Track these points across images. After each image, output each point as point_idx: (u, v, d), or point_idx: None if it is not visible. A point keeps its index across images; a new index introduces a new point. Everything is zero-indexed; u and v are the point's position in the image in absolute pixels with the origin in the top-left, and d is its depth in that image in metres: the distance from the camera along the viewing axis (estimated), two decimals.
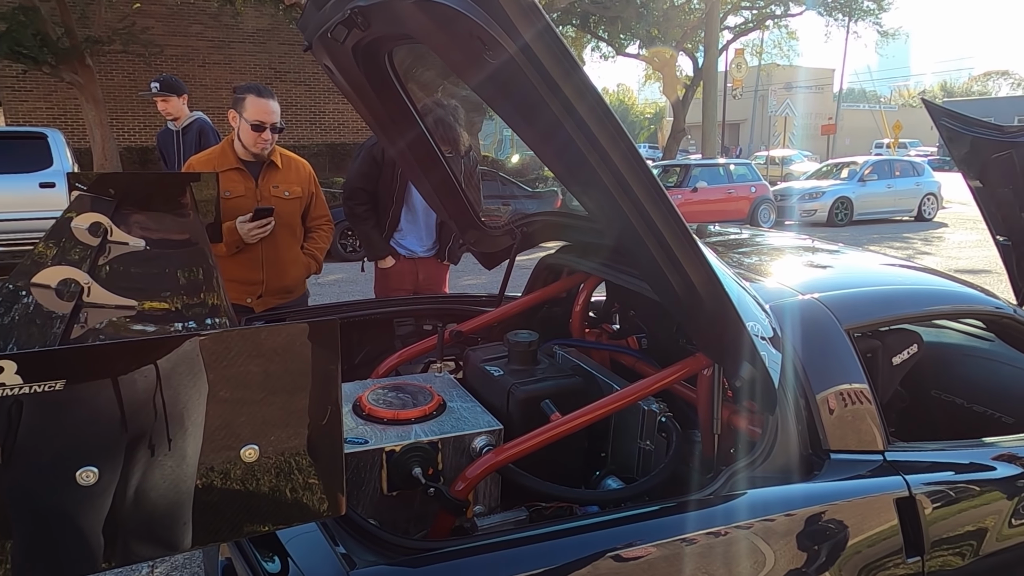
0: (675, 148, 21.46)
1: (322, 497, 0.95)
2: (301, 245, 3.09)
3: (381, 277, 3.55)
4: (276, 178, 2.95)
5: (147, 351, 0.86)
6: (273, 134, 2.86)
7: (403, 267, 3.50)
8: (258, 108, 2.81)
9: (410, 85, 2.23)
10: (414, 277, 3.53)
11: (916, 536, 1.59)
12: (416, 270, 3.53)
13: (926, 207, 15.76)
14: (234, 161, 2.89)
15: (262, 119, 2.81)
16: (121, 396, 0.83)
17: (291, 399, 0.93)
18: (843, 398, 1.68)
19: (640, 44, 21.70)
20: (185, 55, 16.86)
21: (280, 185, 2.94)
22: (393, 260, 3.48)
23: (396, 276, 3.51)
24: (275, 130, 2.86)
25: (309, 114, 18.10)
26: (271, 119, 2.83)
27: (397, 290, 3.50)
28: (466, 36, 1.31)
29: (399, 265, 3.50)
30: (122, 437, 0.84)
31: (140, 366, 0.84)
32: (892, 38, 23.91)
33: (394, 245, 3.50)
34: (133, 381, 0.84)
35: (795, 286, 1.89)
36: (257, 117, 2.80)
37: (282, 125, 2.92)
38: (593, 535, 1.34)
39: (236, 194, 2.85)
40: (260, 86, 2.90)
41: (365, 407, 1.80)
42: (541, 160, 1.70)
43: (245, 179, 2.89)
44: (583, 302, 2.52)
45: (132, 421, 0.85)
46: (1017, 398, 2.40)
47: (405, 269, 3.51)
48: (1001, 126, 3.46)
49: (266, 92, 2.86)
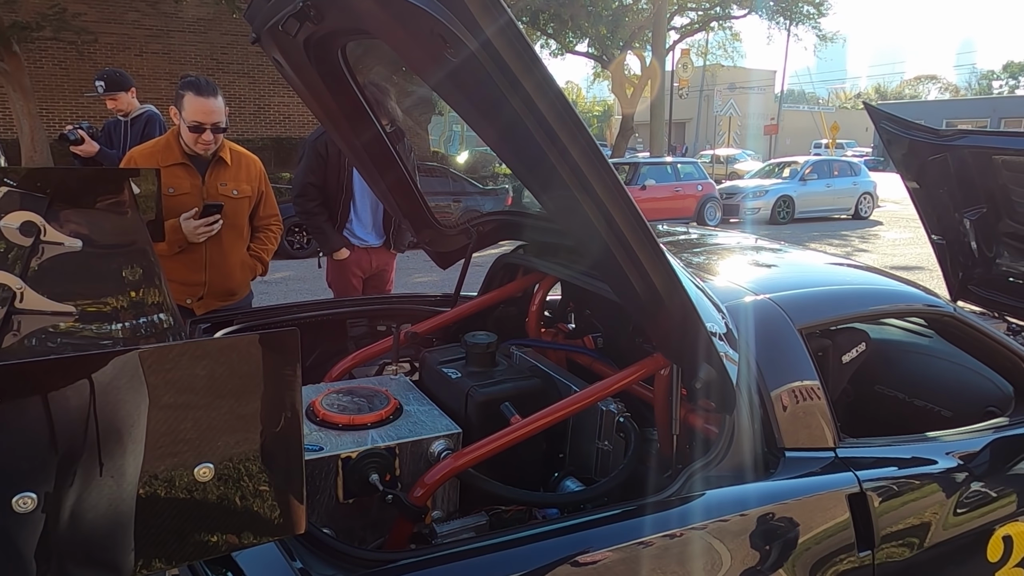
0: (624, 146, 21.73)
1: (281, 514, 0.91)
2: (248, 246, 2.96)
3: (334, 268, 3.59)
4: (224, 175, 2.78)
5: (82, 366, 0.80)
6: (215, 134, 2.66)
7: (357, 256, 3.56)
8: (196, 107, 2.58)
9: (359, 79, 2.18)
10: (368, 265, 3.60)
11: (867, 530, 1.63)
12: (370, 259, 3.60)
13: (863, 206, 16.37)
14: (179, 156, 2.69)
15: (200, 120, 2.60)
16: (52, 415, 0.78)
17: (246, 411, 0.88)
18: (796, 396, 1.71)
19: (589, 42, 21.88)
20: (121, 44, 16.19)
21: (228, 183, 2.79)
22: (348, 251, 3.53)
23: (349, 265, 3.56)
24: (217, 130, 2.66)
25: (253, 107, 17.63)
26: (211, 119, 2.61)
27: (351, 279, 3.55)
28: (427, 33, 1.27)
29: (353, 255, 3.55)
30: (58, 458, 0.78)
31: (74, 382, 0.79)
32: (830, 42, 24.71)
33: (347, 235, 3.54)
34: (66, 399, 0.79)
35: (748, 286, 1.92)
36: (195, 118, 2.59)
37: (225, 125, 2.70)
38: (553, 542, 1.33)
39: (180, 191, 2.69)
40: (201, 82, 2.64)
41: (319, 412, 1.74)
42: (500, 159, 1.67)
43: (191, 175, 2.72)
44: (539, 302, 2.51)
45: (66, 441, 0.79)
46: (955, 392, 2.50)
47: (359, 258, 3.57)
48: (937, 130, 3.60)
49: (207, 89, 2.61)
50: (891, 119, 3.69)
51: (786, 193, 15.35)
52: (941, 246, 3.96)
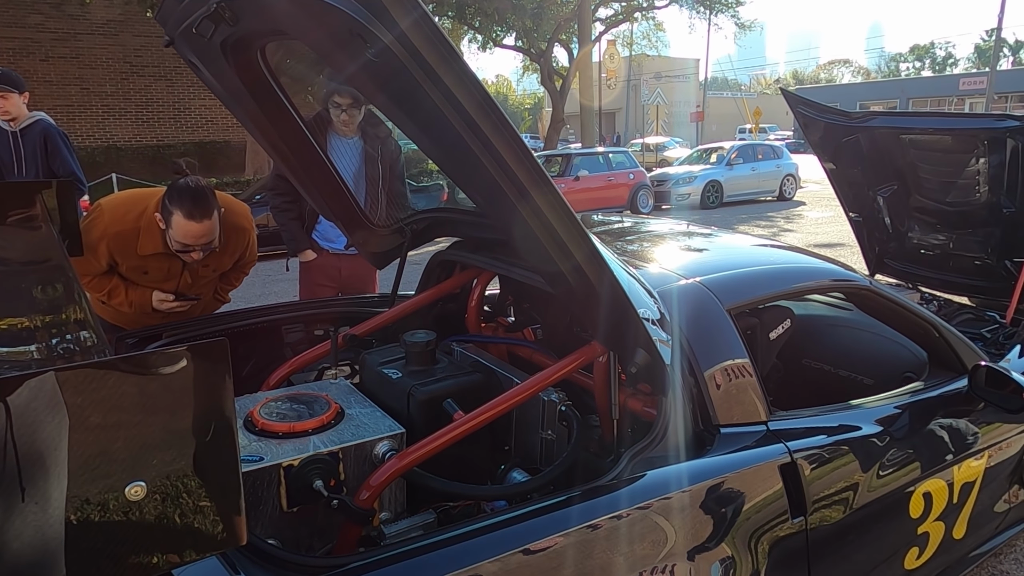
0: (555, 138, 21.92)
1: (221, 527, 0.89)
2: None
3: (304, 273, 3.40)
4: (210, 259, 2.48)
5: None
6: (204, 252, 2.36)
7: (325, 262, 3.36)
8: (186, 231, 2.25)
9: (282, 79, 2.13)
10: (337, 273, 3.38)
11: (799, 498, 1.71)
12: (339, 266, 3.37)
13: (786, 187, 17.00)
14: (161, 246, 2.35)
15: (189, 243, 2.28)
16: None
17: (179, 426, 0.86)
18: (728, 374, 1.78)
19: (516, 36, 21.95)
20: (23, 48, 15.34)
21: (211, 263, 2.52)
22: (314, 254, 3.33)
23: (318, 271, 3.36)
24: (207, 249, 2.35)
25: (172, 111, 16.99)
26: (201, 242, 2.29)
27: (321, 287, 3.35)
28: (344, 32, 1.26)
29: (321, 260, 3.35)
30: None
31: None
32: (749, 30, 25.50)
33: (317, 239, 3.35)
34: None
35: (678, 270, 1.98)
36: (183, 240, 2.27)
37: (215, 246, 2.38)
38: (501, 532, 1.35)
39: (157, 277, 2.45)
40: (194, 202, 2.21)
41: (258, 422, 1.71)
42: (425, 154, 1.67)
43: (171, 262, 2.42)
44: (478, 297, 2.52)
45: None
46: (875, 361, 2.64)
47: (328, 264, 3.36)
48: (849, 112, 3.78)
49: (199, 211, 2.21)
50: (806, 103, 3.85)
51: (714, 178, 15.79)
52: (858, 223, 4.16)
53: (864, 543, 1.91)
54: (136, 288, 2.48)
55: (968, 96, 36.77)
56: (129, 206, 2.37)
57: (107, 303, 2.50)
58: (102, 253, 2.34)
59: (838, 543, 1.83)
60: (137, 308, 2.48)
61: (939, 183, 3.68)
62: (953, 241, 3.83)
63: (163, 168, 15.69)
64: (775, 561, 1.65)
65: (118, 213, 2.36)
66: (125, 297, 2.46)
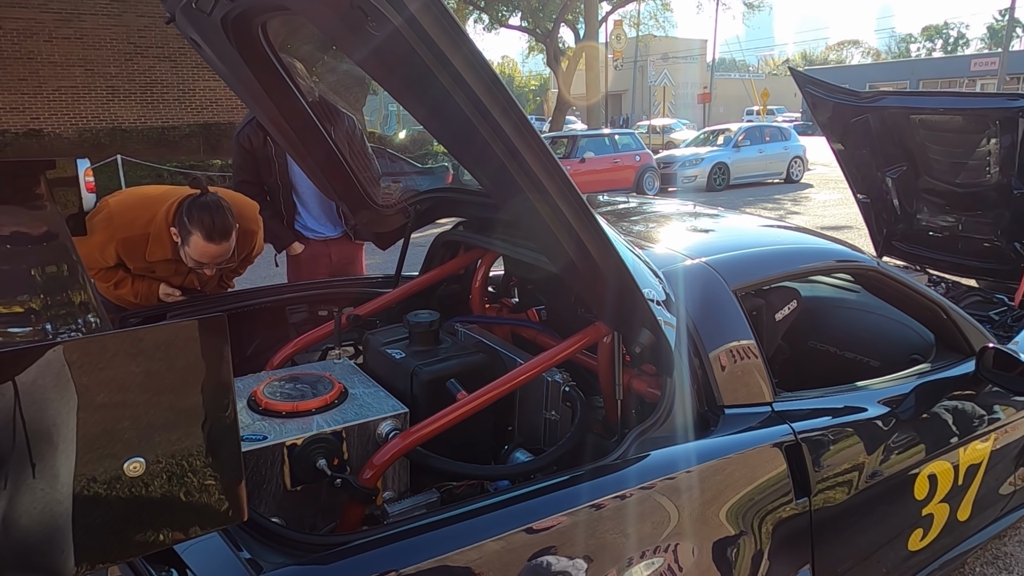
0: (561, 120, 21.78)
1: (221, 503, 0.89)
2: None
3: (293, 265, 3.37)
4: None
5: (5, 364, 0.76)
6: (218, 268, 2.38)
7: (315, 250, 3.33)
8: (203, 252, 2.25)
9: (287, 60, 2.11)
10: (327, 260, 3.36)
11: (803, 479, 1.71)
12: (328, 252, 3.35)
13: (794, 169, 16.87)
14: (171, 253, 2.34)
15: (205, 261, 2.29)
16: None
17: (178, 401, 0.86)
18: (733, 355, 1.76)
19: (522, 16, 21.74)
20: (27, 29, 15.22)
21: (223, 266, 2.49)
22: (301, 246, 3.31)
23: (309, 262, 3.33)
24: (220, 266, 2.38)
25: (177, 92, 16.89)
26: (216, 261, 2.31)
27: (311, 276, 3.31)
28: (346, 6, 1.24)
29: (310, 249, 3.32)
30: None
31: None
32: (757, 10, 25.22)
33: (300, 230, 3.32)
34: None
35: (684, 251, 1.96)
36: (200, 259, 2.28)
37: (232, 264, 2.43)
38: (504, 511, 1.34)
39: (164, 276, 2.47)
40: (214, 225, 2.20)
41: (261, 401, 1.71)
42: (431, 134, 1.65)
43: (179, 264, 2.41)
44: (482, 278, 2.51)
45: None
46: (882, 343, 2.63)
47: (318, 252, 3.33)
48: (858, 92, 3.73)
49: (219, 234, 2.21)
50: (815, 83, 3.81)
51: (721, 160, 15.68)
52: (866, 204, 4.12)
53: (868, 524, 1.91)
54: (143, 280, 2.49)
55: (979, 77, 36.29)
56: (138, 211, 2.34)
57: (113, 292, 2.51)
58: (110, 254, 2.35)
59: (842, 524, 1.82)
60: (143, 299, 2.50)
61: (949, 164, 3.63)
62: (962, 223, 3.79)
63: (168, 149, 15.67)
64: (779, 541, 1.65)
65: (127, 219, 2.33)
66: (131, 288, 2.48)
